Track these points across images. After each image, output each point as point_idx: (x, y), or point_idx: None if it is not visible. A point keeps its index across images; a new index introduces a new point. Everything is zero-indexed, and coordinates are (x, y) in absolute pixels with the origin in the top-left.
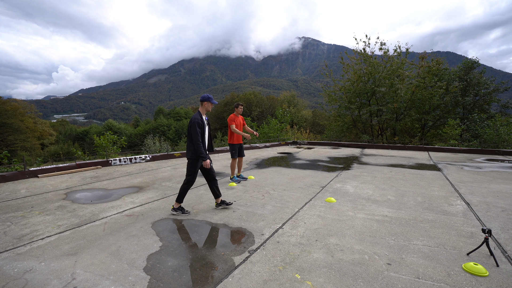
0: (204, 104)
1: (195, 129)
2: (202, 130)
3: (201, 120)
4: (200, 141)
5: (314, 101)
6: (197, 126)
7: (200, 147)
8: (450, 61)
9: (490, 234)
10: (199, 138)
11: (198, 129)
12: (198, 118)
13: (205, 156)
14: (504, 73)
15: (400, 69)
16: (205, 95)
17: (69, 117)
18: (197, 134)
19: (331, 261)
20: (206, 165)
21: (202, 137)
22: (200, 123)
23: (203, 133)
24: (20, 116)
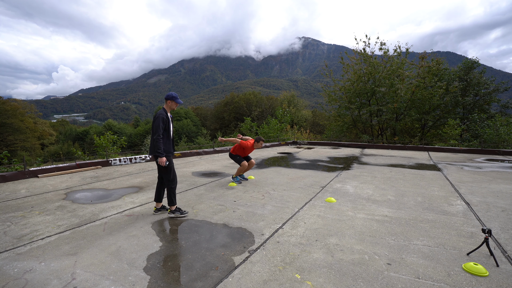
0: (168, 103)
1: (158, 124)
2: (167, 126)
3: (166, 116)
4: (160, 136)
5: (314, 101)
6: (161, 121)
7: (159, 142)
8: (450, 61)
9: (490, 234)
10: (160, 133)
11: (162, 124)
12: (163, 114)
13: (162, 153)
14: (504, 73)
15: (400, 69)
16: (170, 93)
17: (69, 117)
18: (159, 129)
19: (331, 261)
20: (161, 162)
21: (168, 133)
22: (165, 119)
23: (168, 130)
24: (20, 116)
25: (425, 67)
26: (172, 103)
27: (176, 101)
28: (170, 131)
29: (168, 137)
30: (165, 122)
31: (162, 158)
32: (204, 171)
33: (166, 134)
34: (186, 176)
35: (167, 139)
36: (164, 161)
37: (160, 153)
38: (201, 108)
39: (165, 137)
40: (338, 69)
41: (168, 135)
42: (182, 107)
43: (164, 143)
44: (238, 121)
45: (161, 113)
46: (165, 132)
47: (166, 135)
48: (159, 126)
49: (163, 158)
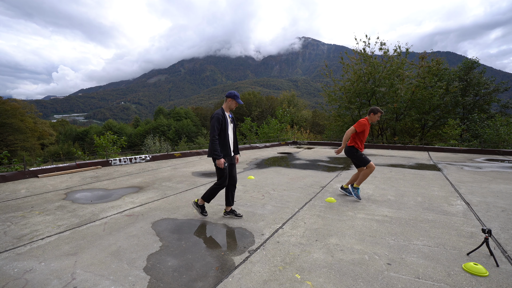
0: (228, 101)
1: (213, 124)
2: (224, 127)
3: (222, 115)
4: (216, 137)
5: (314, 101)
6: (216, 121)
7: (215, 143)
8: (450, 61)
9: (490, 234)
10: (215, 134)
11: (217, 124)
12: (219, 114)
13: (219, 154)
14: (504, 73)
15: (400, 69)
16: (232, 91)
17: (69, 117)
18: (214, 129)
19: (331, 261)
20: (219, 164)
21: (224, 134)
22: (221, 118)
23: (225, 130)
24: (20, 116)
25: (425, 67)
26: (232, 102)
27: (237, 100)
28: (227, 131)
29: (224, 139)
30: (220, 122)
31: (219, 160)
32: (204, 171)
33: (223, 135)
34: (186, 176)
35: (223, 140)
36: (222, 163)
37: (217, 155)
38: (201, 108)
39: (221, 138)
40: (338, 69)
41: (224, 136)
42: (182, 107)
43: (220, 144)
44: (238, 121)
45: (217, 113)
46: (221, 132)
47: (223, 136)
48: (213, 126)
49: (220, 160)
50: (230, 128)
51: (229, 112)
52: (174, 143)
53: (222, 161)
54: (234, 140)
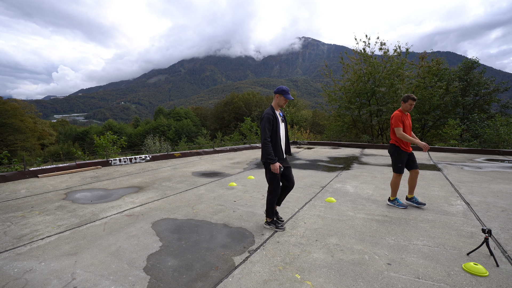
0: (277, 97)
1: (264, 125)
2: (275, 127)
3: (273, 115)
4: (267, 139)
5: (314, 101)
6: (266, 121)
7: (268, 147)
8: (450, 61)
9: (490, 234)
10: (267, 136)
11: (268, 125)
12: (269, 113)
13: (273, 158)
14: (504, 73)
15: (400, 69)
16: (280, 87)
17: (69, 117)
18: (265, 131)
19: (331, 261)
20: (275, 169)
21: (276, 135)
22: (272, 118)
23: (276, 131)
24: (20, 116)
25: (425, 67)
26: (281, 98)
27: (286, 96)
28: (278, 132)
29: (276, 140)
30: (271, 123)
31: (274, 164)
32: (204, 171)
33: (274, 137)
34: (186, 176)
35: (275, 142)
36: (278, 168)
37: (271, 159)
38: (201, 108)
39: (272, 140)
40: (338, 69)
41: (276, 137)
42: (182, 107)
43: (272, 146)
44: (238, 121)
45: (267, 112)
46: (273, 133)
47: (274, 137)
48: (264, 128)
49: (275, 165)
50: (282, 128)
51: (279, 110)
52: (174, 143)
53: (278, 166)
54: (286, 141)
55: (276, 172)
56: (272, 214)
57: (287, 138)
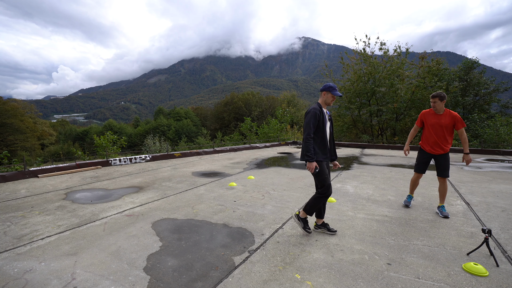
0: (323, 95)
1: (309, 120)
2: (321, 125)
3: (320, 111)
4: (310, 135)
5: (314, 101)
6: (312, 116)
7: (309, 143)
8: (450, 61)
9: (490, 234)
10: (310, 132)
11: (314, 120)
12: (316, 108)
13: (312, 156)
14: (504, 73)
15: (400, 69)
16: (327, 84)
17: (69, 117)
18: (310, 127)
19: (331, 261)
20: (310, 168)
21: (322, 133)
22: (318, 114)
23: (322, 129)
24: (20, 116)
25: (425, 67)
26: (328, 96)
27: (333, 92)
28: (325, 130)
29: (322, 138)
30: (318, 118)
31: (311, 163)
32: (204, 171)
33: (320, 134)
34: (186, 176)
35: (321, 140)
36: (314, 167)
37: (310, 156)
38: (201, 108)
39: (318, 138)
40: (338, 69)
41: (322, 135)
42: (182, 107)
43: (317, 145)
44: (238, 121)
45: (314, 108)
46: (317, 131)
47: (320, 135)
48: (309, 123)
49: (312, 163)
50: (328, 127)
51: (326, 108)
52: (174, 143)
53: (314, 165)
54: (331, 142)
55: (311, 171)
56: (310, 213)
57: (332, 140)
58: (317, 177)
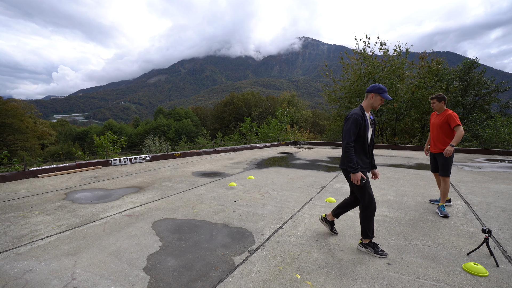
0: (371, 97)
1: (349, 127)
2: (363, 132)
3: (361, 116)
4: (350, 144)
5: (314, 101)
6: (353, 123)
7: (350, 152)
8: (450, 61)
9: (490, 234)
10: (350, 140)
11: (354, 127)
12: (358, 114)
13: (355, 167)
14: (504, 73)
15: (400, 69)
16: (375, 84)
17: (69, 117)
18: (350, 134)
19: (331, 261)
20: (355, 180)
21: (363, 141)
22: (360, 120)
23: (363, 136)
24: (20, 116)
25: (425, 67)
26: (376, 98)
27: (383, 95)
28: (366, 138)
29: (362, 146)
30: (358, 125)
31: (356, 174)
32: (204, 171)
33: (361, 142)
34: (186, 176)
35: (361, 148)
36: (359, 179)
37: (353, 167)
38: (201, 108)
39: (358, 146)
40: (338, 69)
41: (363, 143)
42: (182, 107)
43: (356, 153)
44: (238, 121)
45: (355, 113)
46: (359, 138)
47: (361, 143)
48: (349, 130)
49: (357, 174)
50: (370, 133)
51: (370, 112)
52: (174, 143)
53: (359, 176)
54: (371, 149)
55: (356, 183)
56: (370, 234)
57: (371, 147)
58: (361, 189)
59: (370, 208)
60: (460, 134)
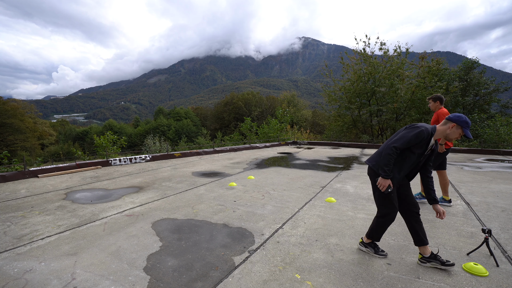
0: (450, 127)
1: (409, 136)
2: (415, 150)
3: (428, 136)
4: (398, 148)
5: (314, 101)
6: (415, 135)
7: (391, 157)
8: (450, 61)
9: (490, 234)
10: (399, 146)
11: (414, 141)
12: (426, 131)
13: (387, 173)
14: (504, 73)
15: (400, 69)
16: (461, 116)
17: (69, 117)
18: (403, 141)
19: (331, 261)
20: (382, 185)
21: (408, 159)
22: (424, 137)
23: (408, 156)
24: (20, 116)
25: (425, 67)
26: (456, 131)
27: (465, 130)
28: (411, 159)
29: (403, 161)
30: (418, 140)
31: (385, 180)
32: (204, 171)
33: (405, 157)
34: (186, 176)
35: (401, 162)
36: (386, 186)
37: (386, 171)
38: (201, 108)
39: (401, 158)
40: (338, 69)
41: (406, 159)
42: (182, 107)
43: (395, 162)
44: (238, 121)
45: (425, 128)
46: (407, 153)
47: (405, 157)
48: (406, 137)
49: (386, 180)
50: (420, 158)
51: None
52: (174, 143)
53: (388, 182)
54: (414, 173)
55: (382, 190)
56: (375, 238)
57: (416, 169)
58: (382, 197)
59: (387, 218)
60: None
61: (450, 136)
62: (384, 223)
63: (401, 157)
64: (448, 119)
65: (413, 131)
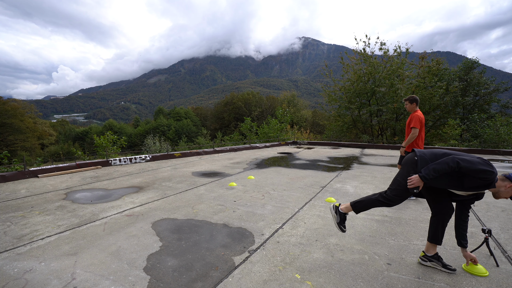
0: (506, 185)
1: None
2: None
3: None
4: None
5: (314, 101)
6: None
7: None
8: (450, 61)
9: (490, 234)
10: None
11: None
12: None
13: (428, 178)
14: (504, 73)
15: (400, 69)
16: None
17: (69, 117)
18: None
19: (331, 261)
20: (414, 181)
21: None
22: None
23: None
24: (20, 116)
25: (425, 67)
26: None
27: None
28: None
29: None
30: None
31: (420, 181)
32: (204, 171)
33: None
34: (186, 176)
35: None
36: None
37: (428, 174)
38: (201, 108)
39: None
40: (338, 69)
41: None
42: (182, 107)
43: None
44: (238, 121)
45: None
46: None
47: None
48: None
49: (420, 183)
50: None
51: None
52: (174, 143)
53: (420, 184)
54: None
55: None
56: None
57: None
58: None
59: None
60: (412, 136)
61: (503, 194)
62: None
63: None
64: (508, 177)
65: (485, 167)
